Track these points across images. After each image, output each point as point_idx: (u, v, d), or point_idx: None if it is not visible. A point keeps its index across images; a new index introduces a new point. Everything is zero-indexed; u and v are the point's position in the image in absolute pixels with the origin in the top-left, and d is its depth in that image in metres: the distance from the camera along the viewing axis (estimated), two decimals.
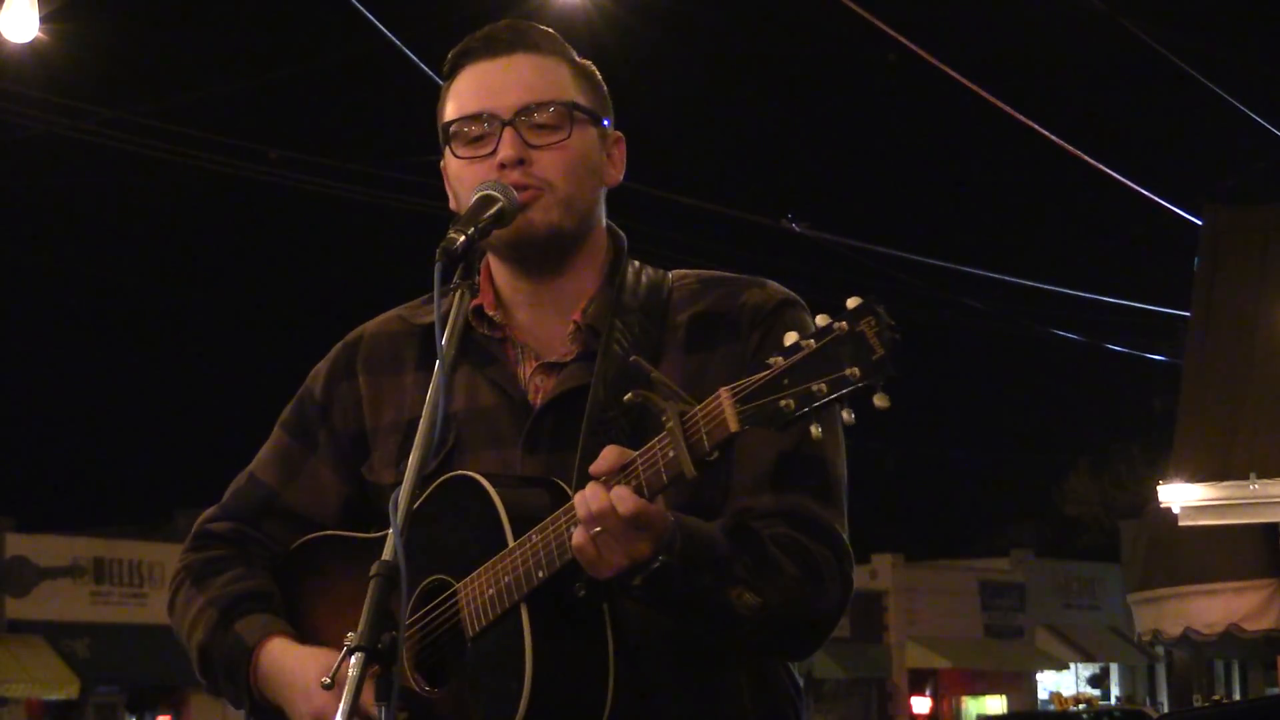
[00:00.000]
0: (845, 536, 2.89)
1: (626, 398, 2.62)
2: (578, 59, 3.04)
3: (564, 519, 2.68)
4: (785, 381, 2.49)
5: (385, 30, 13.35)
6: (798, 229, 18.25)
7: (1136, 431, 44.58)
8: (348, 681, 2.51)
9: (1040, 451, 55.05)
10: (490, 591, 2.73)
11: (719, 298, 2.98)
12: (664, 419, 2.57)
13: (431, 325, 2.96)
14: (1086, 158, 15.95)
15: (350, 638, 2.53)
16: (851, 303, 2.50)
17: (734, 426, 2.52)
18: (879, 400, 2.47)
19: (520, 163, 2.89)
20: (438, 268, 2.73)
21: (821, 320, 2.50)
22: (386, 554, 2.56)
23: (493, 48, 2.97)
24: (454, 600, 2.79)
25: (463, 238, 2.75)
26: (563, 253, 2.96)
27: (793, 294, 3.02)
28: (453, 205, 3.01)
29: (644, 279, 3.03)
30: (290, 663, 2.92)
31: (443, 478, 2.83)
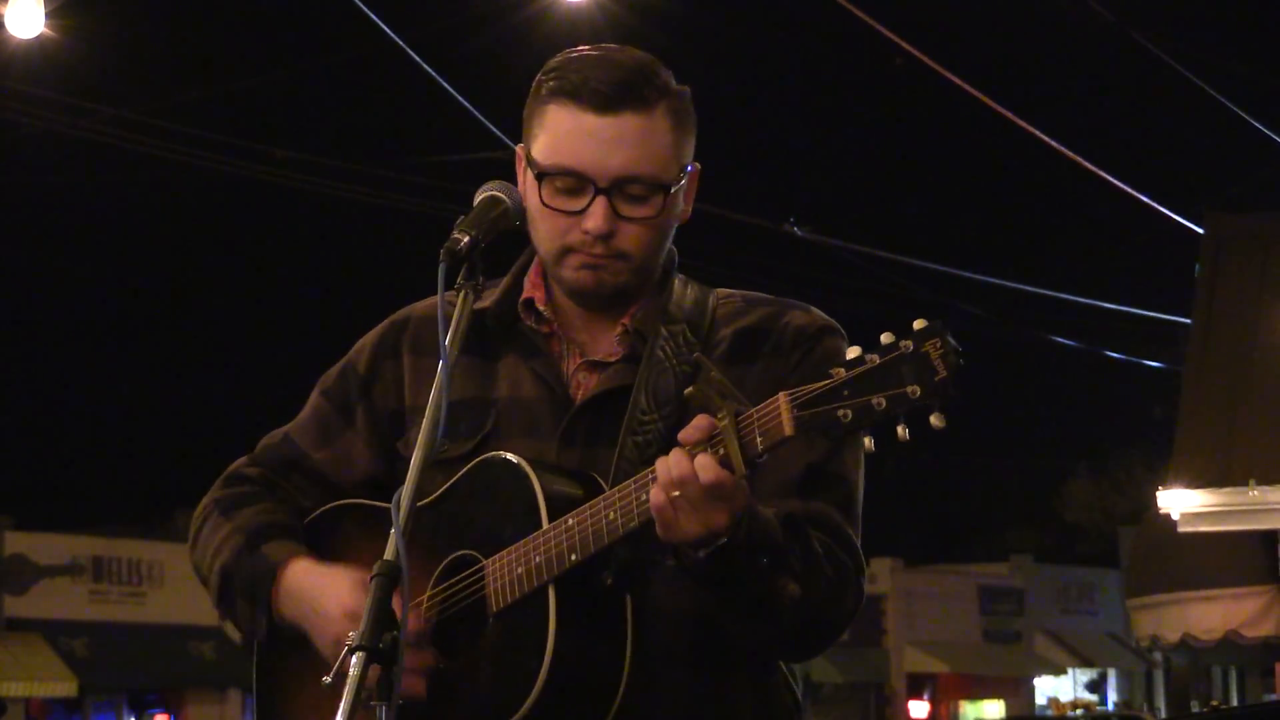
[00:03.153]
0: (861, 551, 2.95)
1: (687, 391, 2.68)
2: (673, 88, 3.01)
3: (603, 505, 2.73)
4: (845, 393, 2.56)
5: (390, 31, 13.36)
6: (800, 233, 18.25)
7: (1136, 438, 44.59)
8: (348, 681, 2.52)
9: (1040, 457, 54.96)
10: (520, 570, 2.79)
11: (763, 316, 3.05)
12: (719, 416, 2.62)
13: (475, 313, 2.97)
14: (1088, 165, 15.95)
15: (351, 637, 2.54)
16: (918, 324, 2.55)
17: (789, 431, 2.58)
18: (935, 420, 2.54)
19: (607, 236, 2.92)
20: (441, 268, 2.76)
21: (886, 338, 2.56)
22: (388, 554, 2.58)
23: (604, 103, 2.92)
24: (480, 575, 2.84)
25: (467, 239, 2.78)
26: (634, 295, 3.02)
27: (835, 323, 3.08)
28: (519, 191, 3.00)
29: (690, 293, 3.08)
30: (313, 582, 2.96)
31: (483, 456, 2.90)
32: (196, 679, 31.66)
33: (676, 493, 2.64)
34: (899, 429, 2.55)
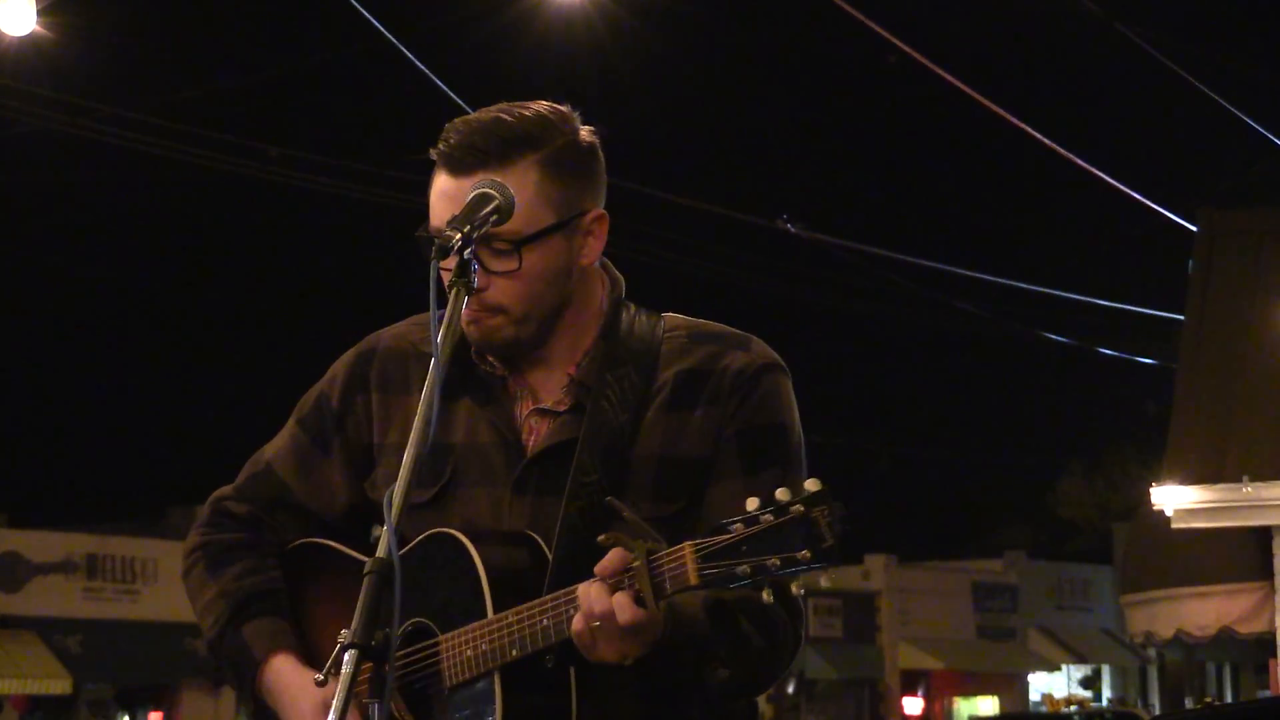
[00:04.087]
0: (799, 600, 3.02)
1: (601, 538, 2.82)
2: (561, 142, 3.04)
3: (538, 611, 2.87)
4: (744, 549, 2.72)
5: (384, 30, 13.36)
6: (793, 230, 18.27)
7: (1129, 434, 44.63)
8: (341, 678, 2.53)
9: (1033, 453, 55.03)
10: (468, 653, 2.93)
11: (705, 357, 3.12)
12: (633, 557, 2.78)
13: (428, 355, 3.03)
14: (1081, 161, 15.97)
15: (344, 635, 2.55)
16: (811, 485, 2.72)
17: (694, 580, 2.74)
18: (824, 580, 2.74)
19: (480, 291, 2.98)
20: (434, 266, 2.77)
21: (782, 495, 2.70)
22: (381, 551, 2.59)
23: (453, 165, 3.03)
24: (436, 649, 2.98)
25: (458, 236, 2.78)
26: (532, 345, 3.10)
27: (776, 357, 3.18)
28: None
29: (637, 327, 3.15)
30: (292, 687, 3.09)
31: (430, 533, 3.01)
32: (191, 675, 31.65)
33: (596, 624, 2.79)
34: (793, 587, 2.74)
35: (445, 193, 3.02)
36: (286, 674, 3.10)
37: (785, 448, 3.11)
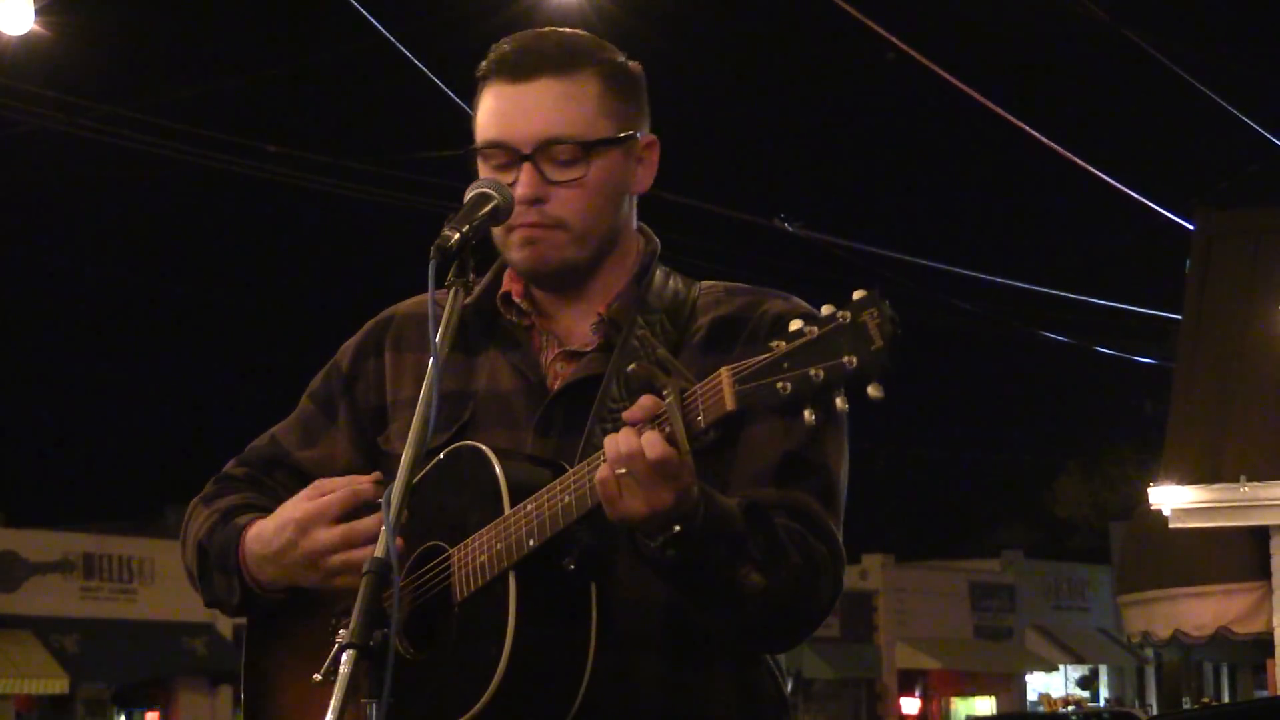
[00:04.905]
0: (841, 540, 2.91)
1: (630, 368, 2.69)
2: (614, 59, 3.03)
3: (559, 489, 2.72)
4: (785, 365, 2.54)
5: (381, 28, 13.35)
6: (790, 228, 18.26)
7: (1127, 433, 44.68)
8: (339, 679, 2.51)
9: (1031, 453, 55.05)
10: (482, 558, 2.78)
11: (742, 305, 3.04)
12: (664, 392, 2.61)
13: (458, 311, 2.96)
14: (1079, 160, 15.97)
15: (342, 635, 2.53)
16: (857, 294, 2.55)
17: (730, 405, 2.57)
18: (873, 390, 2.51)
19: (537, 201, 2.92)
20: (432, 265, 2.75)
21: (826, 309, 2.55)
22: (379, 551, 2.57)
23: (515, 70, 2.96)
24: (446, 565, 2.83)
25: (457, 235, 2.76)
26: (581, 274, 3.02)
27: (815, 310, 3.04)
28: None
29: (671, 284, 3.07)
30: (268, 523, 2.98)
31: (451, 447, 2.89)
32: (188, 674, 31.66)
33: (622, 470, 2.62)
34: (837, 400, 2.53)
35: (507, 97, 2.95)
36: (264, 522, 3.00)
37: None
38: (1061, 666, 48.18)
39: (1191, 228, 13.65)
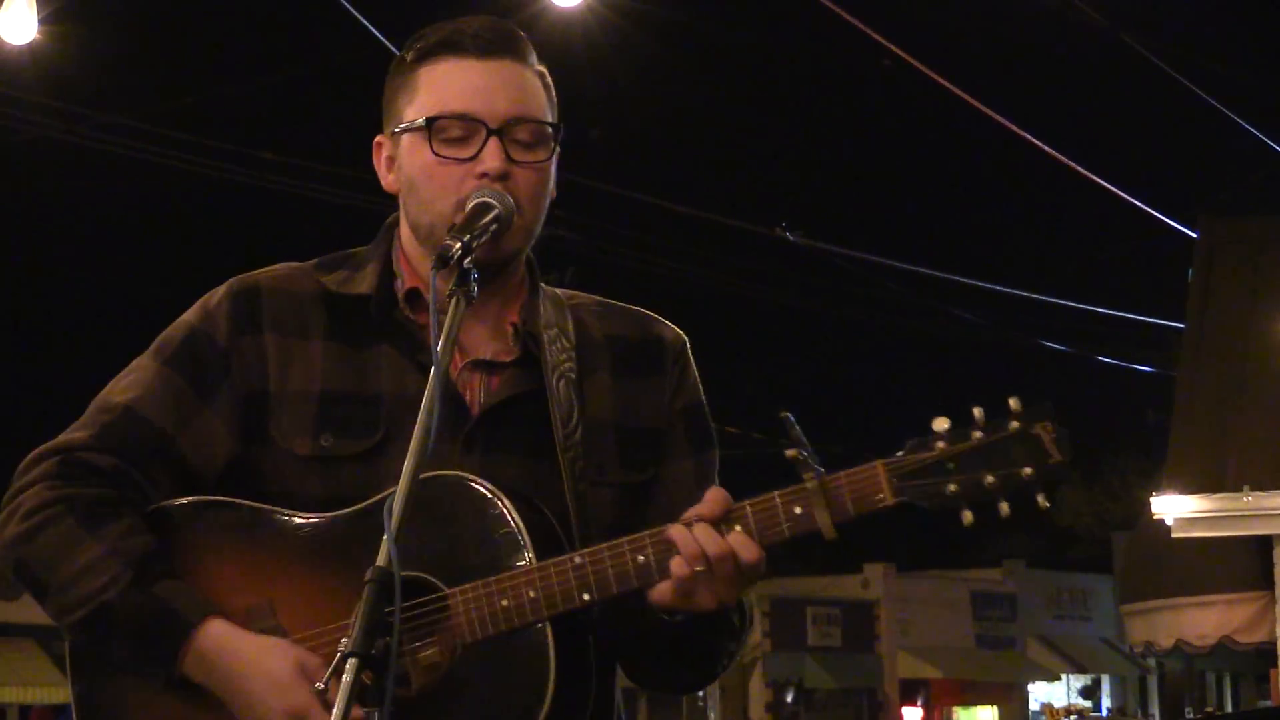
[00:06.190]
0: None
1: (789, 453, 2.66)
2: (541, 68, 3.00)
3: (626, 547, 2.71)
4: (950, 466, 2.61)
5: (382, 38, 13.35)
6: (791, 238, 18.26)
7: (1129, 443, 44.59)
8: (341, 687, 2.49)
9: None
10: (504, 603, 2.72)
11: (631, 325, 3.04)
12: (805, 476, 2.64)
13: (346, 297, 2.95)
14: (1081, 169, 15.96)
15: (344, 644, 2.50)
16: (1015, 403, 2.64)
17: (890, 499, 2.62)
18: (1042, 500, 2.64)
19: (502, 177, 2.86)
20: (434, 275, 2.72)
21: (980, 414, 2.62)
22: (381, 560, 2.53)
23: (484, 48, 2.91)
24: (444, 603, 2.77)
25: (459, 245, 2.73)
26: (508, 271, 2.97)
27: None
28: (387, 186, 3.01)
29: (549, 293, 3.04)
30: (251, 653, 2.76)
31: (434, 474, 2.74)
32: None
33: (701, 568, 2.65)
34: (1003, 505, 2.61)
35: (475, 71, 2.88)
36: (237, 638, 2.76)
37: (712, 431, 3.06)
38: (1064, 676, 48.14)
39: (1194, 236, 13.64)
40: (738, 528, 2.66)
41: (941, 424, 2.61)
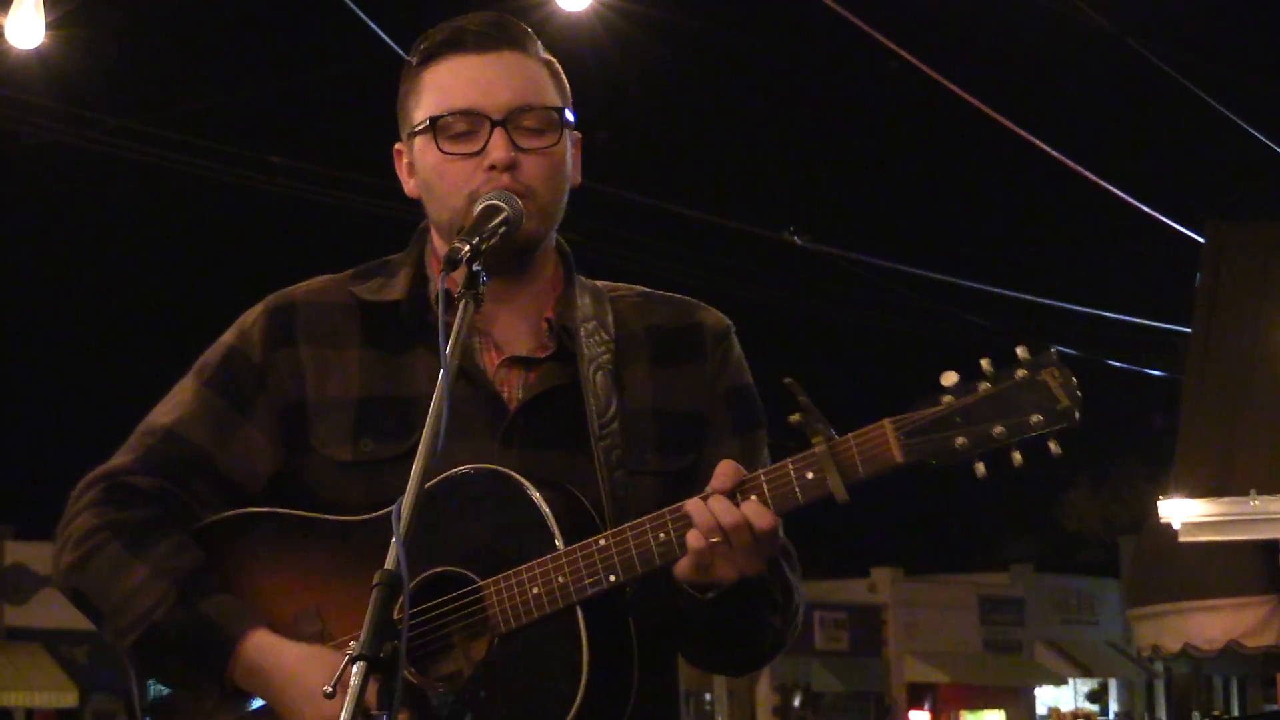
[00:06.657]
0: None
1: (792, 418, 2.66)
2: (548, 56, 3.03)
3: (648, 526, 2.71)
4: (958, 419, 2.59)
5: (390, 41, 13.37)
6: (800, 242, 18.26)
7: (1136, 447, 44.56)
8: (350, 690, 2.49)
9: (1040, 466, 54.90)
10: (535, 590, 2.74)
11: (672, 314, 3.05)
12: (813, 441, 2.64)
13: (379, 304, 2.98)
14: (1088, 174, 15.95)
15: (352, 646, 2.52)
16: (1023, 351, 2.60)
17: (899, 458, 2.62)
18: (1054, 446, 2.59)
19: (510, 167, 2.88)
20: (442, 278, 2.74)
21: (987, 365, 2.60)
22: (389, 563, 2.53)
23: (483, 43, 2.94)
24: (477, 596, 2.78)
25: (468, 248, 2.74)
26: (532, 259, 2.98)
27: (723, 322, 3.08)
28: (409, 192, 3.02)
29: (587, 285, 3.06)
30: (291, 663, 2.80)
31: (462, 469, 2.79)
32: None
33: (718, 539, 2.65)
34: (1015, 455, 2.58)
35: (473, 67, 2.91)
36: (279, 648, 2.80)
37: (760, 410, 3.06)
38: (1071, 680, 48.11)
39: (1201, 241, 13.63)
40: (753, 497, 2.67)
41: (949, 378, 2.60)
